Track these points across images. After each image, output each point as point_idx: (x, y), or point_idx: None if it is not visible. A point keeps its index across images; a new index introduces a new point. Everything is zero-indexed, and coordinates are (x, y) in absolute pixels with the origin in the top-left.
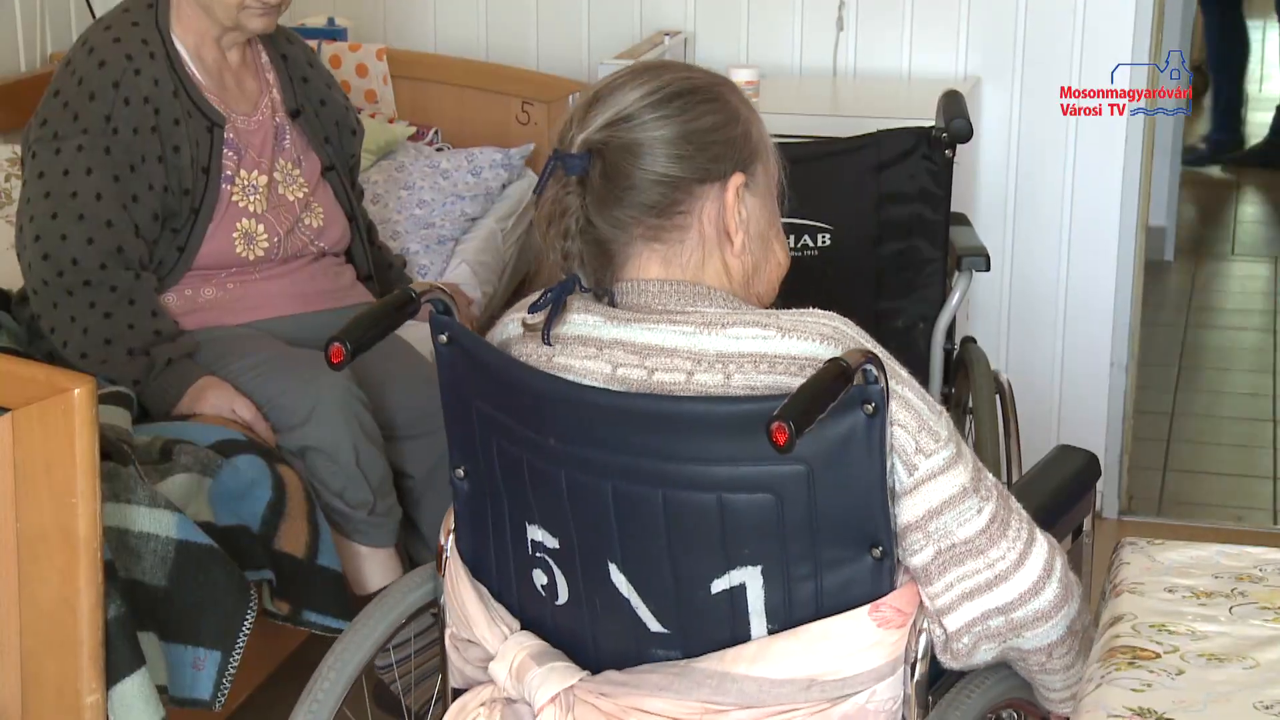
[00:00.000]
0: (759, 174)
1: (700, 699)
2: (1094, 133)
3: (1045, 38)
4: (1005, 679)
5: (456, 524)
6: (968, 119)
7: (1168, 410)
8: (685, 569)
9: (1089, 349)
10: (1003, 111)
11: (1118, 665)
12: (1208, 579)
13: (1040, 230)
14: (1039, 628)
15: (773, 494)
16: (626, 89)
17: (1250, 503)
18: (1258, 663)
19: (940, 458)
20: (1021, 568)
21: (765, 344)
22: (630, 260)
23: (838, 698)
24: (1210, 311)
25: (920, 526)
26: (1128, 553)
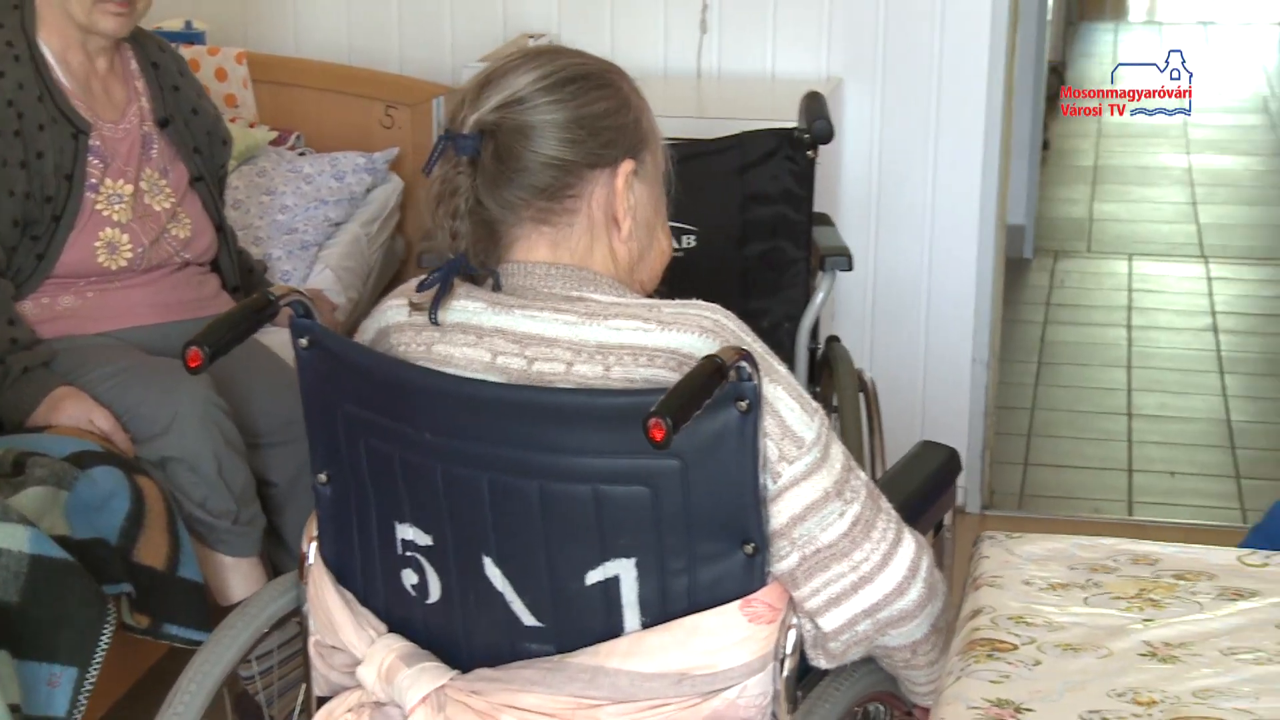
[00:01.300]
0: (648, 162)
1: (573, 694)
2: (954, 133)
3: (906, 39)
4: (871, 673)
5: (320, 530)
6: (829, 120)
7: (1028, 405)
8: (560, 561)
9: (951, 346)
10: (865, 112)
11: (977, 658)
12: (1063, 570)
13: (903, 229)
14: (904, 626)
15: (648, 487)
16: (520, 72)
17: (1108, 495)
18: (1111, 651)
19: (803, 464)
20: (886, 569)
21: (645, 336)
22: (518, 242)
23: (709, 693)
24: (1069, 308)
25: (785, 533)
26: (986, 546)
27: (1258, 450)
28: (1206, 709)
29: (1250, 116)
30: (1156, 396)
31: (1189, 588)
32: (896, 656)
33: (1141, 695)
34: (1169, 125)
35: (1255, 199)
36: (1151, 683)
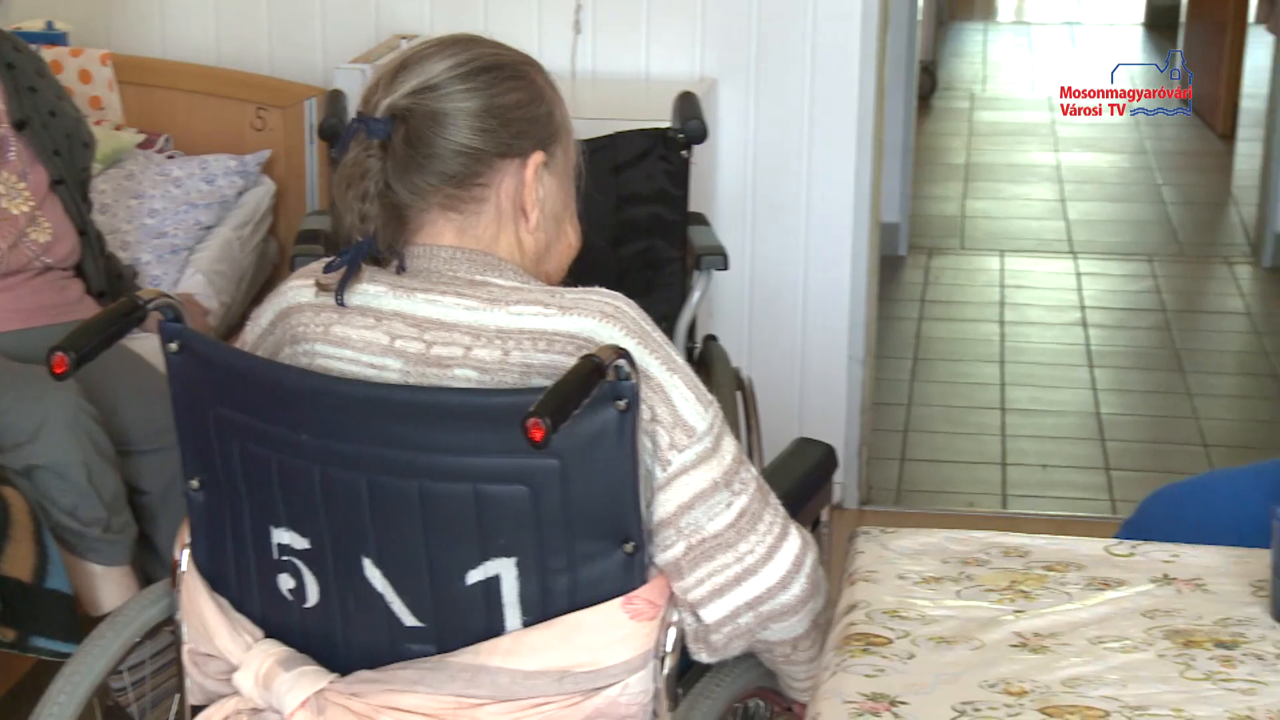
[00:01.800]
0: (559, 155)
1: (454, 693)
2: (827, 132)
3: (778, 39)
4: (751, 669)
5: (192, 536)
6: (702, 120)
7: (904, 401)
8: (441, 561)
9: (827, 344)
10: (739, 112)
11: (852, 652)
12: (936, 564)
13: (778, 228)
14: (785, 621)
15: (527, 487)
16: (435, 59)
17: (982, 489)
18: (983, 643)
19: (693, 453)
20: (770, 562)
21: (545, 321)
22: (425, 227)
23: (590, 690)
24: (943, 305)
25: (672, 522)
26: (861, 542)
27: (1126, 442)
28: (1075, 697)
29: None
30: (1028, 391)
31: (1059, 579)
32: (777, 651)
33: (1013, 685)
34: (1037, 123)
35: (1121, 195)
36: (1022, 673)
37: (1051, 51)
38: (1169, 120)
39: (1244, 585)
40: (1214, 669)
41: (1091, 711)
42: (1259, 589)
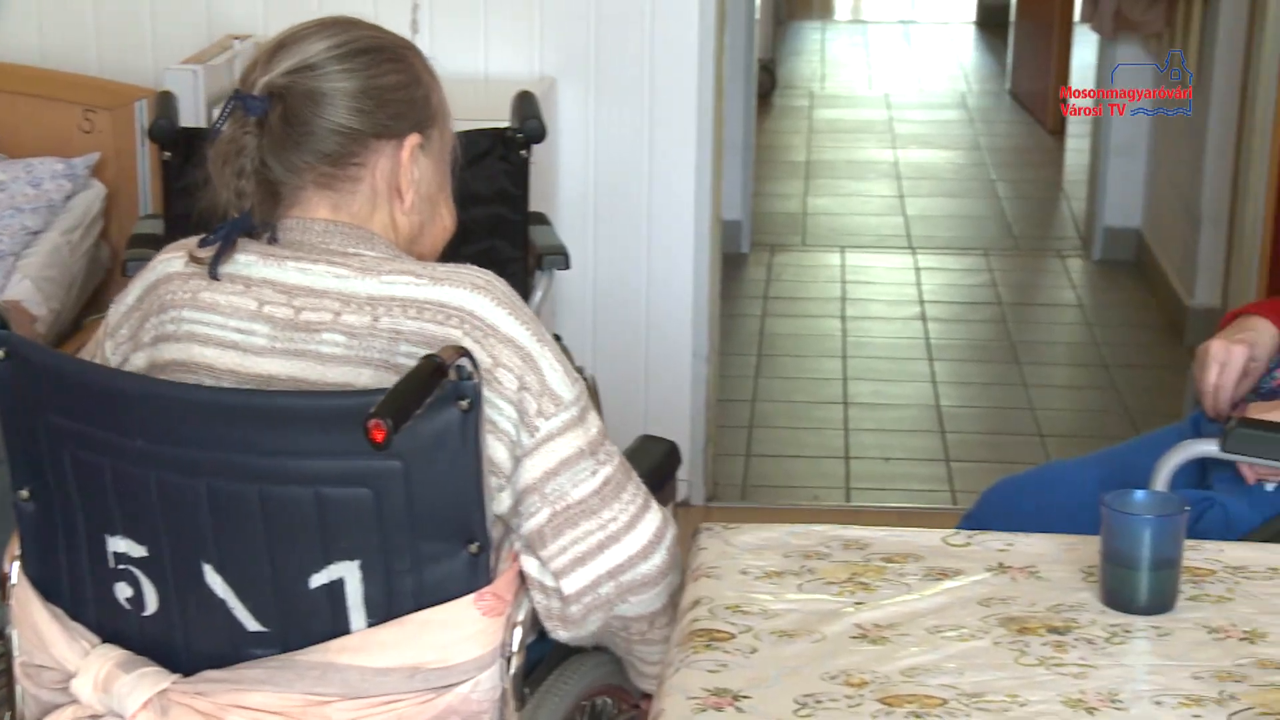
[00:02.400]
0: (435, 138)
1: (302, 691)
2: (667, 131)
3: (617, 38)
4: (599, 665)
5: (23, 548)
6: (541, 119)
7: (749, 398)
8: (283, 565)
9: (671, 341)
10: (579, 111)
11: (695, 648)
12: (778, 559)
13: (620, 227)
14: (644, 593)
15: (370, 489)
16: (314, 39)
17: (826, 482)
18: (824, 636)
19: (559, 420)
20: (633, 530)
21: (416, 289)
22: (300, 203)
23: (442, 687)
24: (785, 301)
25: (537, 488)
26: (704, 538)
27: (965, 434)
28: (914, 686)
29: (950, 112)
30: (870, 385)
31: (898, 570)
32: (633, 629)
33: (853, 677)
34: (875, 120)
35: (957, 191)
36: (862, 664)
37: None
38: (1001, 117)
39: (1075, 572)
40: (1047, 654)
41: (929, 700)
42: (1089, 575)
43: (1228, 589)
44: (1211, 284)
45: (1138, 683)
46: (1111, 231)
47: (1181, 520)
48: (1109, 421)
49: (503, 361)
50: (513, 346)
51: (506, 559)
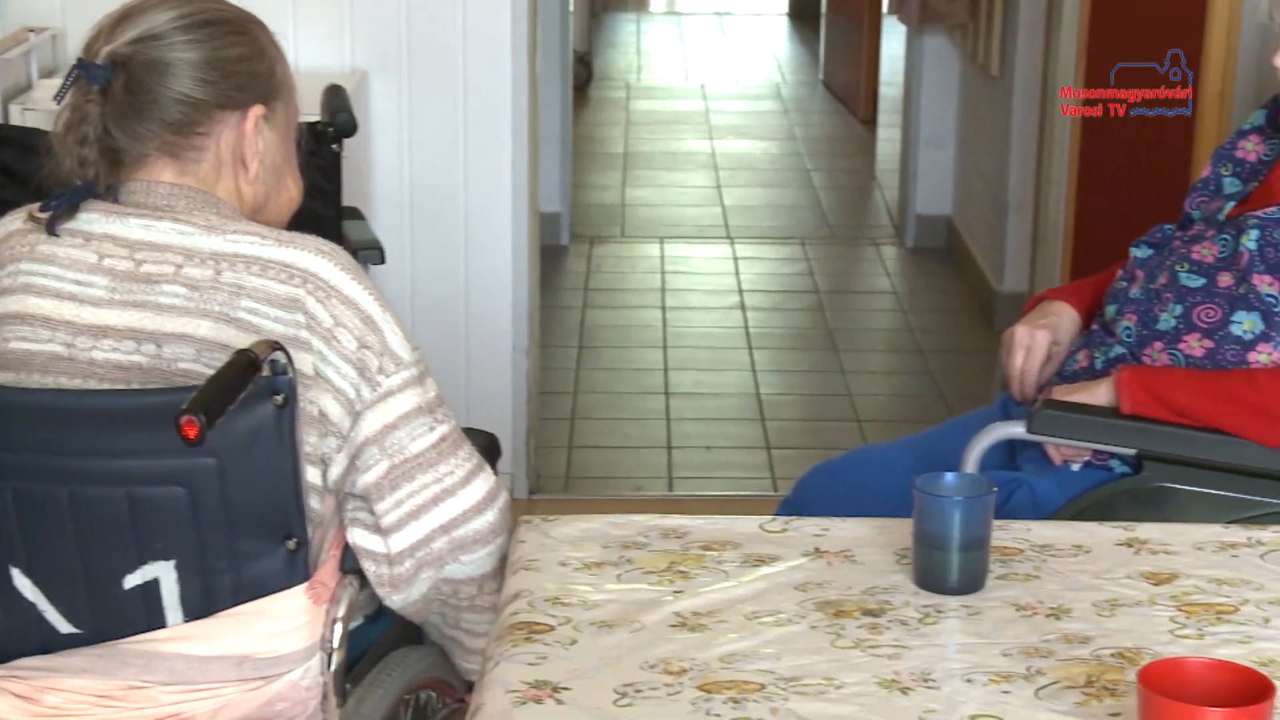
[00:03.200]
0: (279, 110)
1: (126, 678)
2: (482, 123)
3: (429, 30)
4: (422, 659)
5: None
6: (351, 113)
7: (570, 390)
8: (95, 567)
9: (491, 334)
10: (392, 104)
11: (514, 641)
12: (598, 550)
13: (438, 221)
14: (476, 552)
15: (184, 487)
16: (159, 10)
17: (649, 473)
18: (644, 625)
19: (400, 377)
20: (468, 486)
21: (262, 249)
22: (144, 168)
23: (271, 675)
24: (606, 292)
25: (377, 440)
26: (523, 531)
27: (785, 421)
28: (732, 673)
29: (765, 103)
30: (691, 374)
31: (716, 558)
32: (463, 593)
33: (672, 665)
34: (691, 111)
35: (773, 181)
36: (681, 652)
37: (702, 41)
38: (815, 107)
39: (889, 554)
40: (862, 637)
41: (748, 686)
42: (903, 557)
43: (1035, 567)
44: (1019, 270)
45: (949, 661)
46: (923, 219)
47: (989, 501)
48: (924, 406)
49: (343, 322)
50: (354, 308)
51: (329, 547)
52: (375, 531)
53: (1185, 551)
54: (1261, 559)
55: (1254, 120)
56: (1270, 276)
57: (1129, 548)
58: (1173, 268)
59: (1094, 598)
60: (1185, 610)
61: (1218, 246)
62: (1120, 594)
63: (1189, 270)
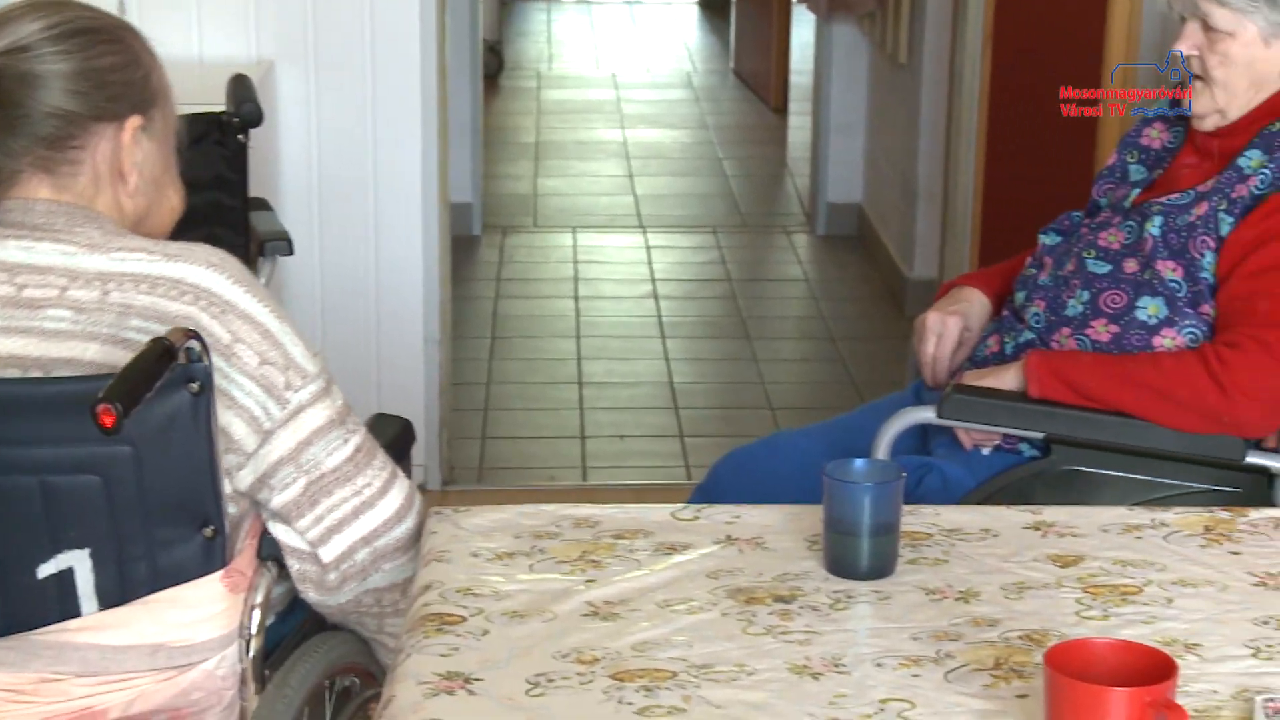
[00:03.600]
0: (157, 119)
1: (37, 670)
2: (391, 113)
3: (336, 19)
4: (341, 644)
5: None
6: (257, 103)
7: (483, 380)
8: (8, 556)
9: (403, 325)
10: (299, 94)
11: (426, 632)
12: (509, 540)
13: (346, 211)
14: (398, 559)
15: (99, 476)
16: (26, 20)
17: (563, 462)
18: (556, 614)
19: (309, 391)
20: (386, 495)
21: (149, 265)
22: (19, 185)
23: (185, 665)
24: (518, 282)
25: (292, 459)
26: (434, 522)
27: (698, 409)
28: (644, 661)
29: (676, 91)
30: (604, 364)
31: (628, 546)
32: (386, 600)
33: (585, 654)
34: (603, 101)
35: (684, 170)
36: (594, 641)
37: (613, 30)
38: (726, 95)
39: (800, 541)
40: (774, 623)
41: (660, 674)
42: (813, 543)
43: (944, 551)
44: (929, 256)
45: (860, 646)
46: (834, 207)
47: (898, 487)
48: (836, 392)
49: (242, 337)
50: (251, 323)
51: (245, 537)
52: (302, 539)
53: (1091, 534)
54: (1165, 540)
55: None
56: (1174, 262)
57: (1036, 531)
58: (1080, 254)
59: (1002, 581)
60: (1091, 592)
61: (1123, 233)
62: (1028, 577)
63: (1096, 257)
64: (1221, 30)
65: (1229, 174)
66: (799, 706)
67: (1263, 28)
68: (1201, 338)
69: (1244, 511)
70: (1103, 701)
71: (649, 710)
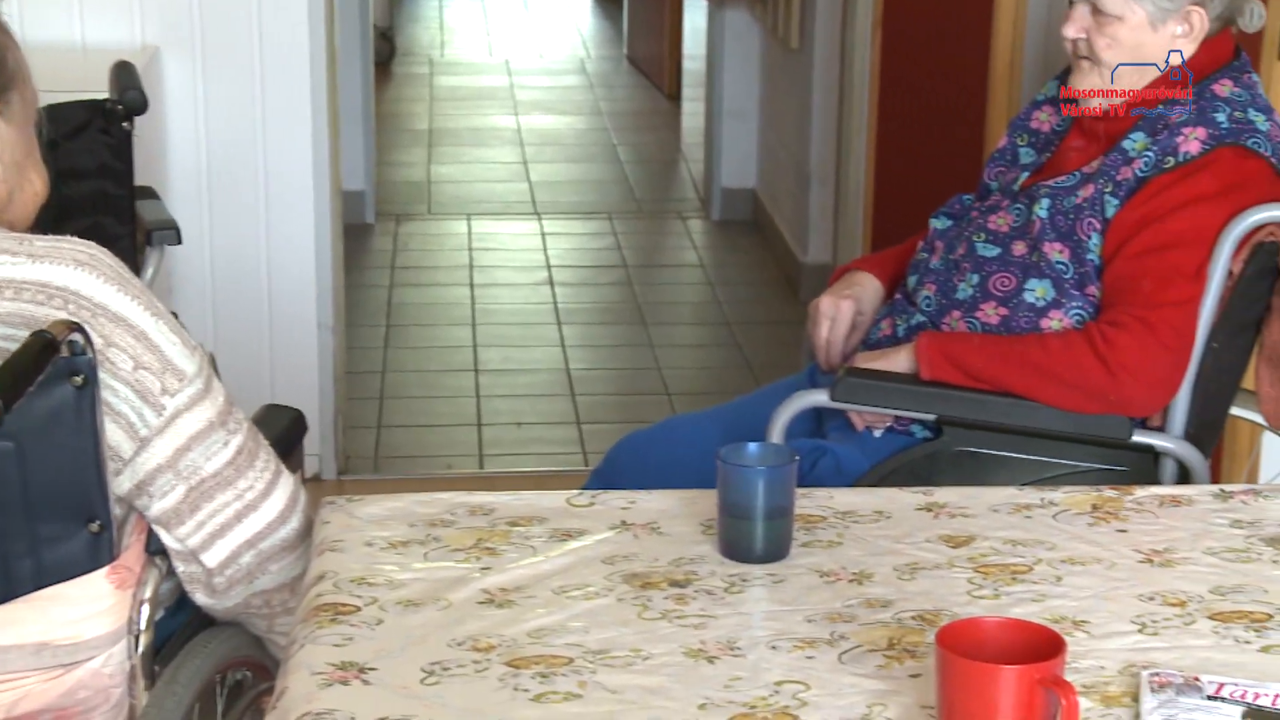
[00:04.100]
0: (15, 102)
1: None
2: (280, 100)
3: (223, 5)
4: (232, 638)
5: None
6: (141, 90)
7: (379, 369)
8: None
9: (295, 314)
10: (186, 81)
11: (320, 623)
12: (404, 529)
13: (237, 199)
14: (284, 559)
15: None
16: None
17: (460, 451)
18: (451, 602)
19: (185, 394)
20: (269, 497)
21: (14, 269)
22: None
23: (71, 663)
24: (413, 270)
25: (171, 466)
26: (327, 512)
27: (595, 396)
28: (540, 647)
29: (570, 78)
30: (500, 351)
31: (523, 533)
32: (276, 600)
33: (480, 641)
34: (496, 87)
35: (579, 156)
36: (489, 628)
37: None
38: (620, 82)
39: (695, 525)
40: (669, 608)
41: (556, 660)
42: (708, 528)
43: (837, 534)
44: (822, 241)
45: (755, 629)
46: (728, 192)
47: (792, 470)
48: (732, 377)
49: (115, 341)
50: (125, 325)
51: (133, 532)
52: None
53: (982, 514)
54: (1054, 519)
55: (1047, 91)
56: (1061, 244)
57: (928, 512)
58: (970, 238)
59: (895, 562)
60: (982, 571)
61: (1012, 216)
62: (920, 557)
63: (985, 240)
64: (1110, 14)
65: (1114, 156)
66: (694, 690)
67: (1151, 12)
68: (1088, 319)
69: (1130, 490)
70: (993, 679)
71: (545, 697)
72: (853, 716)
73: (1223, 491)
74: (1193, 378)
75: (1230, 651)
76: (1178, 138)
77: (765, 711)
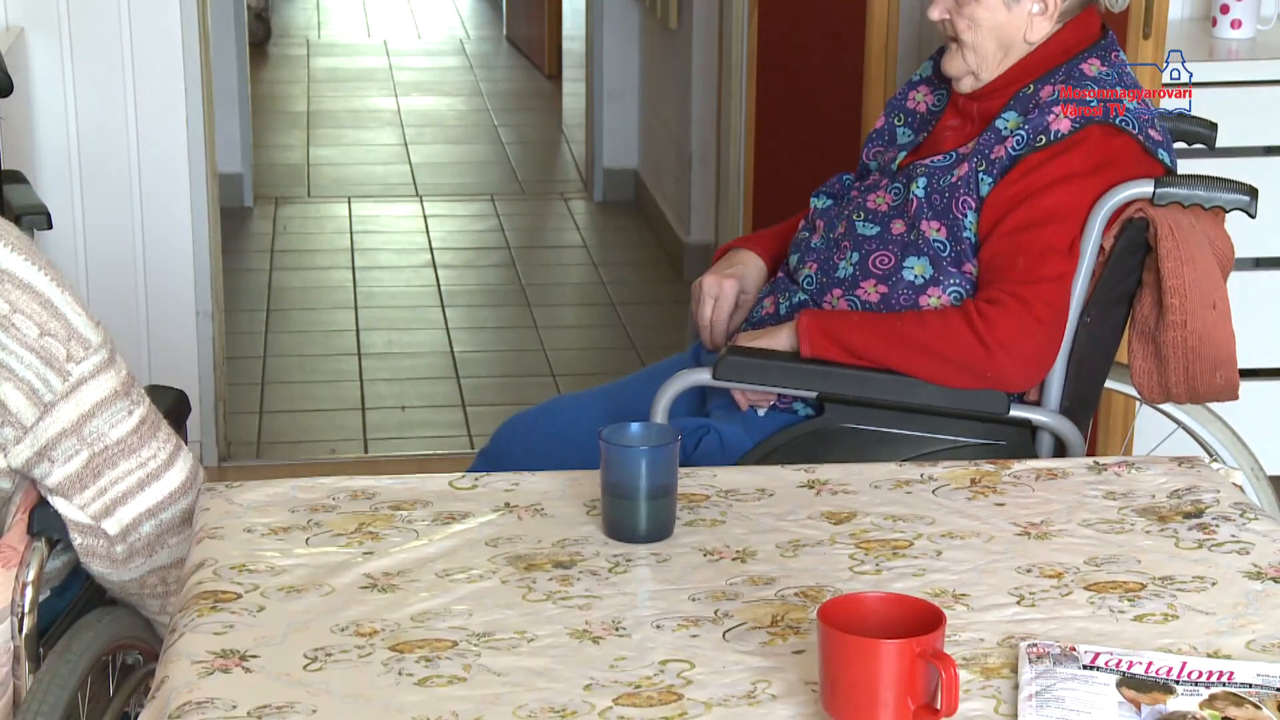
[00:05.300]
0: None
1: None
2: (152, 82)
3: None
4: (120, 618)
5: None
6: (6, 72)
7: (260, 354)
8: None
9: (173, 299)
10: (53, 63)
11: (200, 611)
12: (285, 514)
13: (109, 183)
14: (184, 532)
15: None
16: None
17: (344, 435)
18: (333, 588)
19: (92, 362)
20: (171, 467)
21: None
22: None
23: None
24: (293, 254)
25: (75, 431)
26: (206, 499)
27: (479, 378)
28: (424, 631)
29: (449, 58)
30: (384, 334)
31: (406, 517)
32: (171, 577)
33: (363, 627)
34: (375, 68)
35: (460, 138)
36: (372, 613)
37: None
38: (500, 62)
39: (579, 506)
40: (553, 589)
41: (440, 644)
42: (592, 508)
43: (721, 512)
44: (704, 220)
45: (639, 609)
46: (610, 173)
47: (674, 449)
48: (617, 358)
49: (20, 308)
50: (31, 292)
51: (17, 511)
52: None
53: (863, 490)
54: (934, 494)
55: (923, 71)
56: (938, 222)
57: (810, 489)
58: (850, 217)
59: (778, 539)
60: (863, 547)
61: (891, 195)
62: (803, 534)
63: (865, 219)
64: None
65: (988, 135)
66: (580, 671)
67: None
68: (966, 296)
69: (1008, 464)
70: (874, 653)
71: (429, 681)
72: (737, 693)
73: (1096, 464)
74: (1067, 352)
75: (1105, 621)
76: (1048, 116)
77: (650, 691)
